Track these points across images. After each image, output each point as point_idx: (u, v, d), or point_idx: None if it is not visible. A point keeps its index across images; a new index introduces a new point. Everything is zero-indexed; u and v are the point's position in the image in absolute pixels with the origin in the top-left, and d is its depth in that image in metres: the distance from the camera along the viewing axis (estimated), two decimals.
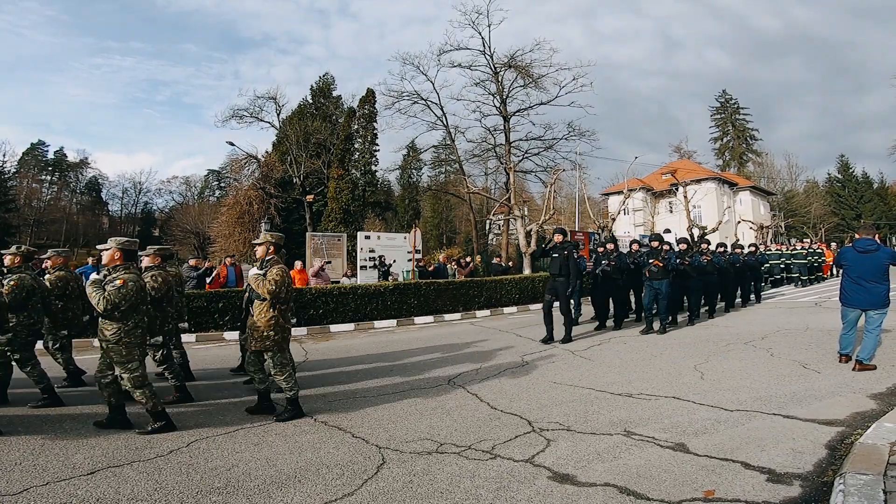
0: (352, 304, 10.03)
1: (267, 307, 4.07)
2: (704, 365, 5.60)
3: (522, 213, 22.04)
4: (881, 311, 5.04)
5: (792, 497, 2.53)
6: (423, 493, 2.71)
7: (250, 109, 32.20)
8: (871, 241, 5.13)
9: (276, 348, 4.10)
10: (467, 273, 14.41)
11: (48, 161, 50.87)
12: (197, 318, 8.81)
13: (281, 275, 4.05)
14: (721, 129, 55.73)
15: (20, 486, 2.80)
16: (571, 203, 36.75)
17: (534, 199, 39.39)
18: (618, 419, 3.85)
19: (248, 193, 30.07)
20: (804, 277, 15.98)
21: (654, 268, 7.95)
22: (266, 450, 3.40)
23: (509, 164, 25.17)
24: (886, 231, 43.02)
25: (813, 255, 16.54)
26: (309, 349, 7.58)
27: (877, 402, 4.02)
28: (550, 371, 5.65)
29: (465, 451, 3.29)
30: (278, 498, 2.69)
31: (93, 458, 3.23)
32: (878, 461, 2.71)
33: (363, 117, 32.30)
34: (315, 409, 4.36)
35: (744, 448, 3.16)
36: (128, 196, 56.40)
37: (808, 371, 5.13)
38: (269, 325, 4.06)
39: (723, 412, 3.92)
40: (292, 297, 4.50)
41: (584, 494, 2.65)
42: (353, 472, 3.01)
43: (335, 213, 29.31)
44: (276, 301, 4.07)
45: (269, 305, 4.06)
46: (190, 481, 2.90)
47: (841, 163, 51.63)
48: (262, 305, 4.08)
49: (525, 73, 26.18)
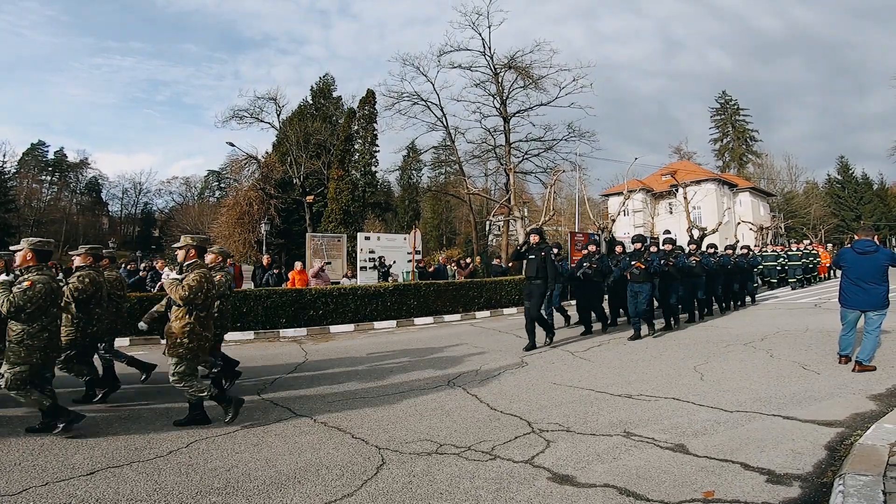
0: (351, 305, 10.03)
1: (183, 313, 3.89)
2: (704, 366, 5.60)
3: (522, 214, 22.08)
4: (880, 312, 5.05)
5: (791, 498, 2.53)
6: (423, 494, 2.71)
7: (250, 110, 32.28)
8: (871, 242, 5.14)
9: (190, 356, 3.89)
10: (467, 274, 14.41)
11: (48, 161, 50.88)
12: None
13: (197, 280, 3.88)
14: (721, 130, 55.76)
15: (19, 487, 2.80)
16: (571, 204, 36.75)
17: (534, 200, 39.46)
18: (617, 420, 3.85)
19: (248, 194, 30.10)
20: (798, 278, 15.70)
21: (636, 270, 7.61)
22: (265, 450, 3.40)
23: (509, 165, 25.21)
24: (886, 232, 43.04)
25: (808, 256, 16.27)
26: (309, 350, 7.59)
27: (876, 403, 4.02)
28: (550, 372, 5.65)
29: (464, 452, 3.29)
30: (278, 498, 2.69)
31: (92, 459, 3.23)
32: (878, 462, 2.71)
33: (363, 118, 32.31)
34: (315, 409, 4.36)
35: (743, 449, 3.16)
36: (128, 196, 56.45)
37: (808, 372, 5.13)
38: (183, 332, 3.87)
39: (722, 413, 3.92)
40: (213, 304, 4.23)
41: (583, 495, 2.65)
42: (353, 472, 3.01)
43: (335, 213, 29.32)
44: (192, 308, 3.90)
45: (185, 312, 3.89)
46: (189, 482, 2.90)
47: (840, 164, 51.70)
48: (178, 311, 3.91)
49: (525, 74, 26.25)
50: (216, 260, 5.07)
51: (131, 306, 8.66)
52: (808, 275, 16.53)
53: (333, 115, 35.46)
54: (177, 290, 3.84)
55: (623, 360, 6.16)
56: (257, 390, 5.07)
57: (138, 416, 4.20)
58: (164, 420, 4.08)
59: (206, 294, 3.98)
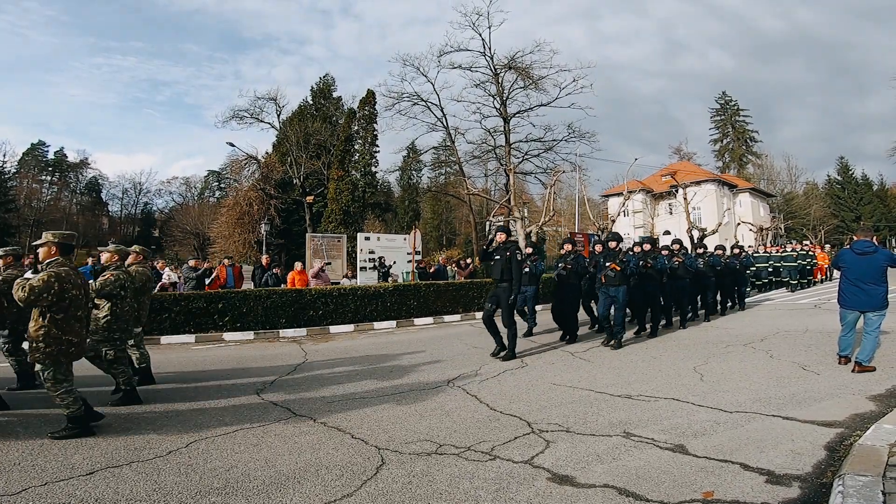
0: (351, 306, 10.03)
1: (37, 315, 3.63)
2: (704, 366, 5.60)
3: (522, 214, 22.06)
4: (880, 312, 5.05)
5: (791, 498, 2.53)
6: (423, 495, 2.71)
7: (250, 110, 32.34)
8: (870, 242, 5.15)
9: (49, 361, 3.63)
10: (467, 274, 14.41)
11: (48, 161, 50.89)
12: (196, 319, 8.81)
13: (44, 280, 3.55)
14: (721, 131, 55.83)
15: (19, 487, 2.79)
16: (571, 204, 36.78)
17: (534, 200, 39.51)
18: (617, 420, 3.85)
19: (248, 194, 30.14)
20: (794, 281, 14.90)
21: (611, 272, 6.95)
22: (265, 450, 3.40)
23: (509, 165, 25.21)
24: (886, 233, 43.09)
25: (804, 257, 15.35)
26: (308, 350, 7.58)
27: (876, 403, 4.03)
28: (550, 372, 5.65)
29: (464, 453, 3.29)
30: (277, 499, 2.69)
31: (91, 459, 3.22)
32: (878, 462, 2.71)
33: (363, 118, 32.35)
34: (314, 409, 4.36)
35: (743, 449, 3.16)
36: (128, 196, 56.46)
37: (808, 372, 5.13)
38: (38, 335, 3.61)
39: (722, 413, 3.92)
40: (82, 306, 3.86)
41: (583, 496, 2.65)
42: (353, 473, 3.01)
43: (335, 214, 29.35)
44: (45, 309, 3.61)
45: (39, 313, 3.63)
46: (189, 482, 2.89)
47: (840, 164, 51.77)
48: (34, 313, 3.65)
49: (525, 74, 26.24)
50: (112, 259, 4.88)
51: None
52: (805, 277, 15.83)
53: (333, 116, 35.51)
54: (16, 290, 3.53)
55: (623, 361, 6.16)
56: (257, 390, 5.06)
57: (137, 417, 4.20)
58: (164, 420, 4.08)
59: (57, 295, 3.60)
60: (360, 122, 32.45)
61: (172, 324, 8.68)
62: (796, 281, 15.01)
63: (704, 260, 9.51)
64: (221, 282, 10.99)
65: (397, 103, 27.49)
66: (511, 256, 6.32)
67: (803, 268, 15.37)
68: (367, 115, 32.18)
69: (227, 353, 7.37)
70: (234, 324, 8.99)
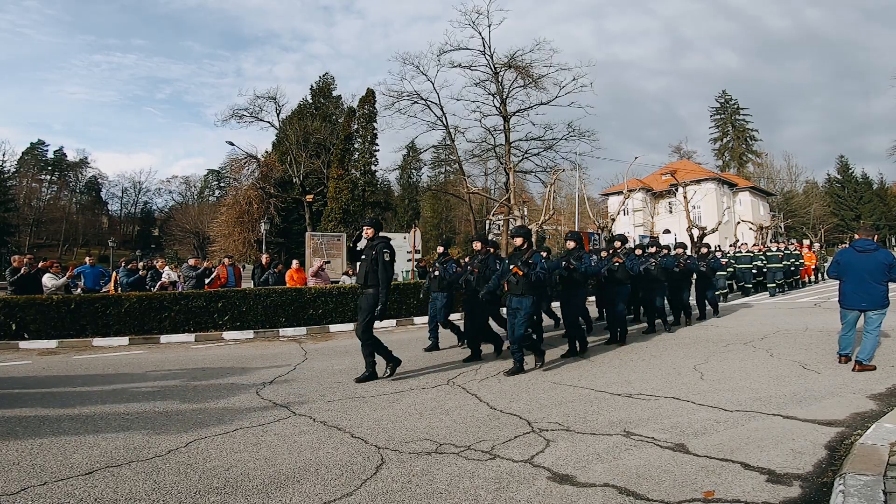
0: (351, 304, 10.00)
1: None
2: (704, 365, 5.60)
3: (522, 213, 22.07)
4: (880, 311, 5.04)
5: (791, 498, 2.52)
6: (423, 494, 2.71)
7: (250, 109, 32.26)
8: (870, 241, 5.14)
9: None
10: None
11: (48, 161, 50.90)
12: (196, 318, 8.81)
13: None
14: (721, 130, 55.84)
15: (18, 486, 2.79)
16: (571, 203, 36.74)
17: (533, 199, 39.45)
18: (617, 419, 3.84)
19: (247, 193, 30.14)
20: (779, 282, 13.78)
21: (513, 277, 5.60)
22: (265, 450, 3.39)
23: (509, 164, 25.21)
24: (886, 232, 43.08)
25: (790, 257, 14.30)
26: (308, 349, 7.58)
27: (876, 402, 4.02)
28: (550, 371, 5.65)
29: (464, 452, 3.29)
30: (277, 498, 2.68)
31: (91, 458, 3.22)
32: (878, 462, 2.70)
33: (363, 117, 32.34)
34: (314, 408, 4.35)
35: (743, 448, 3.15)
36: (127, 196, 56.51)
37: (808, 371, 5.13)
38: None
39: (722, 412, 3.91)
40: None
41: (583, 495, 2.64)
42: (352, 472, 3.00)
43: (335, 212, 29.37)
44: None
45: None
46: (188, 481, 2.89)
47: (840, 163, 51.80)
48: None
49: (525, 73, 26.25)
50: None
51: (130, 305, 8.67)
52: (790, 278, 14.66)
53: (333, 115, 35.50)
54: None
55: (623, 360, 6.15)
56: (256, 389, 5.06)
57: (137, 416, 4.19)
58: (163, 419, 4.07)
59: None
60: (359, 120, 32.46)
61: (172, 323, 8.68)
62: (781, 281, 13.94)
63: (656, 261, 8.04)
64: (223, 281, 10.98)
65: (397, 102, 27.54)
66: (378, 256, 5.30)
67: (788, 269, 14.35)
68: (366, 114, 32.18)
69: (226, 353, 7.36)
70: (233, 323, 8.99)
